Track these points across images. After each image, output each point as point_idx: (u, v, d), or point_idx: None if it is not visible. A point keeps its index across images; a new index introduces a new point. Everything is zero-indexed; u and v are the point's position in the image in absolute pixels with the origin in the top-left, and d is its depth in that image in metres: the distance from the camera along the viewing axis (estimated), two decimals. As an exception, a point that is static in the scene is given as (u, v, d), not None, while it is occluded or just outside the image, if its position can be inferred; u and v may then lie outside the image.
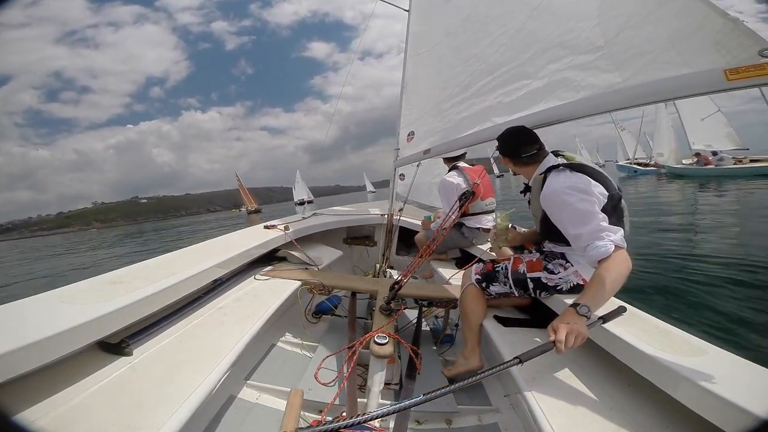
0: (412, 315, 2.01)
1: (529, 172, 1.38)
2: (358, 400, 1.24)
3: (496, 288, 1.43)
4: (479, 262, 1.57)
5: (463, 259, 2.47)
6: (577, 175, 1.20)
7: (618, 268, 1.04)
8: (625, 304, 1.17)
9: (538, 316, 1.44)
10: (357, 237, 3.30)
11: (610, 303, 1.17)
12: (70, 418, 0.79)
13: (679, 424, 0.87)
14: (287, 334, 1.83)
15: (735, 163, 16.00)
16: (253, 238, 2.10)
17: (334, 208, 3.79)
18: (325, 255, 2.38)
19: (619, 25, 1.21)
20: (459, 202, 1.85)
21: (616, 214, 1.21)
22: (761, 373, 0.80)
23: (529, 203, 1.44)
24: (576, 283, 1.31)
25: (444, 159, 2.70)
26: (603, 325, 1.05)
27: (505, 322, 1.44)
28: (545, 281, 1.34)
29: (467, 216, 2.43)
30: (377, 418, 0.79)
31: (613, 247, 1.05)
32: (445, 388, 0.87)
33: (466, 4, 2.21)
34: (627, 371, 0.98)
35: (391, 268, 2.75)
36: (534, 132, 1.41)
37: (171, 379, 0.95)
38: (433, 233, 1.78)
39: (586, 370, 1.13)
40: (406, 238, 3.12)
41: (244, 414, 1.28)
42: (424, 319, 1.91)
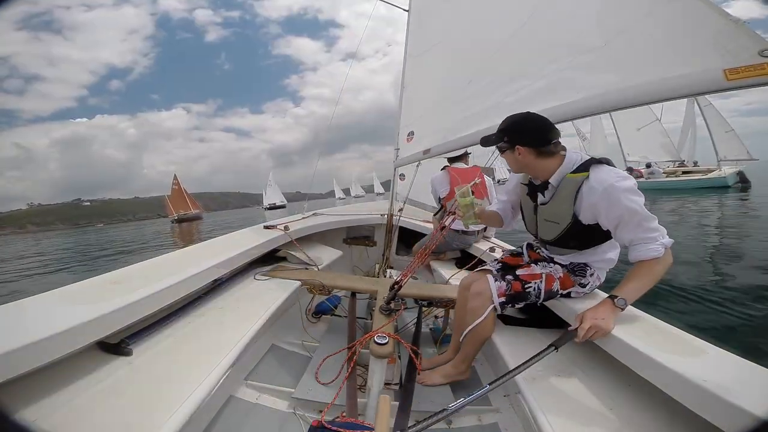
0: (412, 315, 2.01)
1: (550, 168, 1.17)
2: (358, 400, 1.24)
3: (520, 306, 1.31)
4: (504, 274, 1.33)
5: (462, 259, 2.47)
6: (627, 174, 1.13)
7: (664, 269, 1.05)
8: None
9: (538, 316, 1.44)
10: (357, 237, 3.30)
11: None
12: (70, 418, 0.79)
13: (679, 424, 0.87)
14: (287, 334, 1.83)
15: (667, 177, 15.94)
16: (253, 238, 2.10)
17: (334, 208, 3.79)
18: (325, 255, 2.38)
19: (619, 25, 1.21)
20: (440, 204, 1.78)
21: None
22: (761, 373, 0.80)
23: (537, 206, 1.27)
24: (596, 285, 1.30)
25: (448, 159, 2.70)
26: None
27: (505, 320, 1.44)
28: (575, 296, 1.28)
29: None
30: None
31: (664, 249, 1.04)
32: (482, 389, 0.94)
33: (465, 4, 2.22)
34: (627, 371, 0.98)
35: (391, 268, 2.75)
36: None
37: (171, 379, 0.95)
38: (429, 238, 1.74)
39: (586, 370, 1.13)
40: (406, 238, 3.12)
41: (243, 414, 1.28)
42: (423, 320, 1.91)
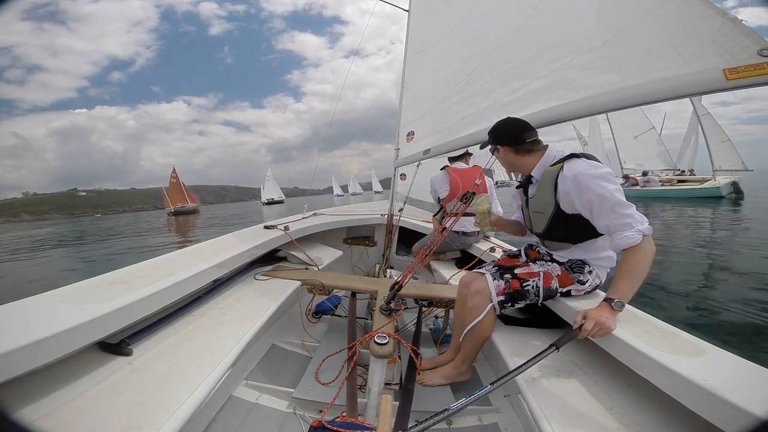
0: (412, 315, 2.01)
1: (530, 163, 1.29)
2: (358, 400, 1.24)
3: (521, 305, 1.32)
4: (502, 273, 1.34)
5: (463, 259, 2.47)
6: (602, 165, 1.15)
7: (646, 258, 1.05)
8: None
9: (539, 316, 1.44)
10: (357, 237, 3.30)
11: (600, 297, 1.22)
12: (70, 418, 0.79)
13: (679, 424, 0.87)
14: (287, 334, 1.83)
15: (662, 185, 15.91)
16: (253, 238, 2.10)
17: (334, 208, 3.79)
18: (325, 255, 2.38)
19: (618, 25, 1.21)
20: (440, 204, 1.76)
21: None
22: (761, 373, 0.80)
23: (528, 200, 1.36)
24: (596, 284, 1.30)
25: (449, 158, 2.70)
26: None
27: (505, 320, 1.44)
28: (575, 293, 1.29)
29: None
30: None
31: (641, 236, 1.05)
32: (482, 389, 0.92)
33: (465, 3, 2.22)
34: (627, 371, 0.98)
35: (391, 268, 2.75)
36: None
37: (171, 379, 0.95)
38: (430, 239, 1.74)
39: (586, 370, 1.13)
40: (406, 239, 3.12)
41: (243, 414, 1.28)
42: (423, 320, 1.91)
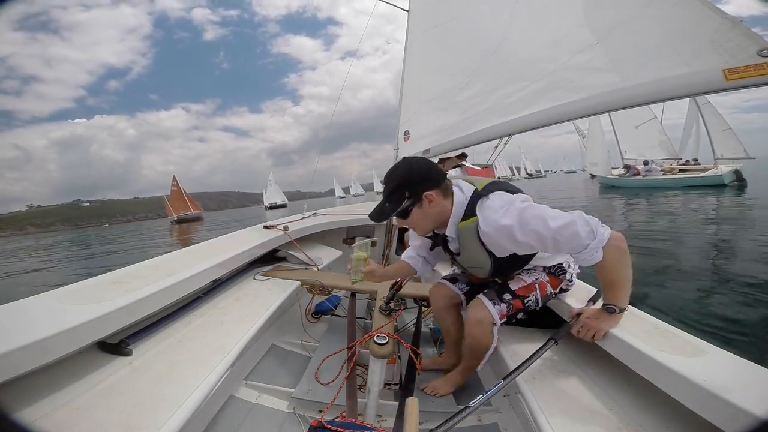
0: (412, 315, 2.01)
1: (446, 212, 1.12)
2: (358, 400, 1.24)
3: (520, 316, 1.29)
4: (499, 294, 1.25)
5: None
6: (513, 193, 1.09)
7: (616, 264, 0.97)
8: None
9: (539, 317, 1.44)
10: (357, 237, 3.30)
11: (588, 291, 1.29)
12: (70, 418, 0.79)
13: (679, 424, 0.87)
14: (287, 334, 1.83)
15: (664, 174, 15.73)
16: (253, 238, 2.10)
17: (334, 208, 3.79)
18: (325, 255, 2.38)
19: (608, 22, 1.22)
20: None
21: None
22: (761, 373, 0.80)
23: (456, 256, 1.24)
24: (577, 272, 1.32)
25: (444, 159, 2.69)
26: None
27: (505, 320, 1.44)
28: (566, 288, 1.32)
29: None
30: None
31: (600, 251, 0.94)
32: (493, 387, 0.93)
33: (464, 4, 2.22)
34: (627, 371, 0.98)
35: None
36: None
37: (171, 379, 0.95)
38: None
39: (586, 370, 1.13)
40: None
41: (243, 414, 1.28)
42: (423, 320, 1.91)
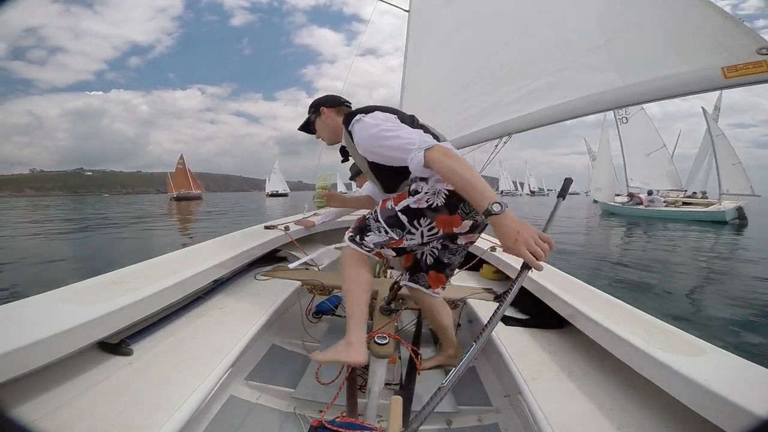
0: (413, 315, 2.01)
1: (339, 127, 1.35)
2: (358, 400, 1.24)
3: (371, 237, 1.27)
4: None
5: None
6: (372, 114, 1.20)
7: (440, 164, 0.99)
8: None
9: (539, 316, 1.44)
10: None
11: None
12: (70, 418, 0.79)
13: (679, 424, 0.87)
14: (287, 334, 1.83)
15: (667, 205, 15.66)
16: (253, 238, 2.10)
17: (334, 208, 3.79)
18: (326, 255, 2.38)
19: (618, 25, 1.21)
20: None
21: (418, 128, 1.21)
22: (761, 373, 0.80)
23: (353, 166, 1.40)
24: (447, 190, 1.16)
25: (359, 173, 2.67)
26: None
27: (506, 321, 1.44)
28: (415, 206, 1.19)
29: None
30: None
31: (421, 153, 1.01)
32: (468, 350, 0.80)
33: (466, 4, 2.22)
34: (627, 371, 0.98)
35: (391, 268, 2.75)
36: None
37: (171, 379, 0.95)
38: None
39: (586, 370, 1.13)
40: None
41: (244, 414, 1.28)
42: (424, 320, 1.91)
